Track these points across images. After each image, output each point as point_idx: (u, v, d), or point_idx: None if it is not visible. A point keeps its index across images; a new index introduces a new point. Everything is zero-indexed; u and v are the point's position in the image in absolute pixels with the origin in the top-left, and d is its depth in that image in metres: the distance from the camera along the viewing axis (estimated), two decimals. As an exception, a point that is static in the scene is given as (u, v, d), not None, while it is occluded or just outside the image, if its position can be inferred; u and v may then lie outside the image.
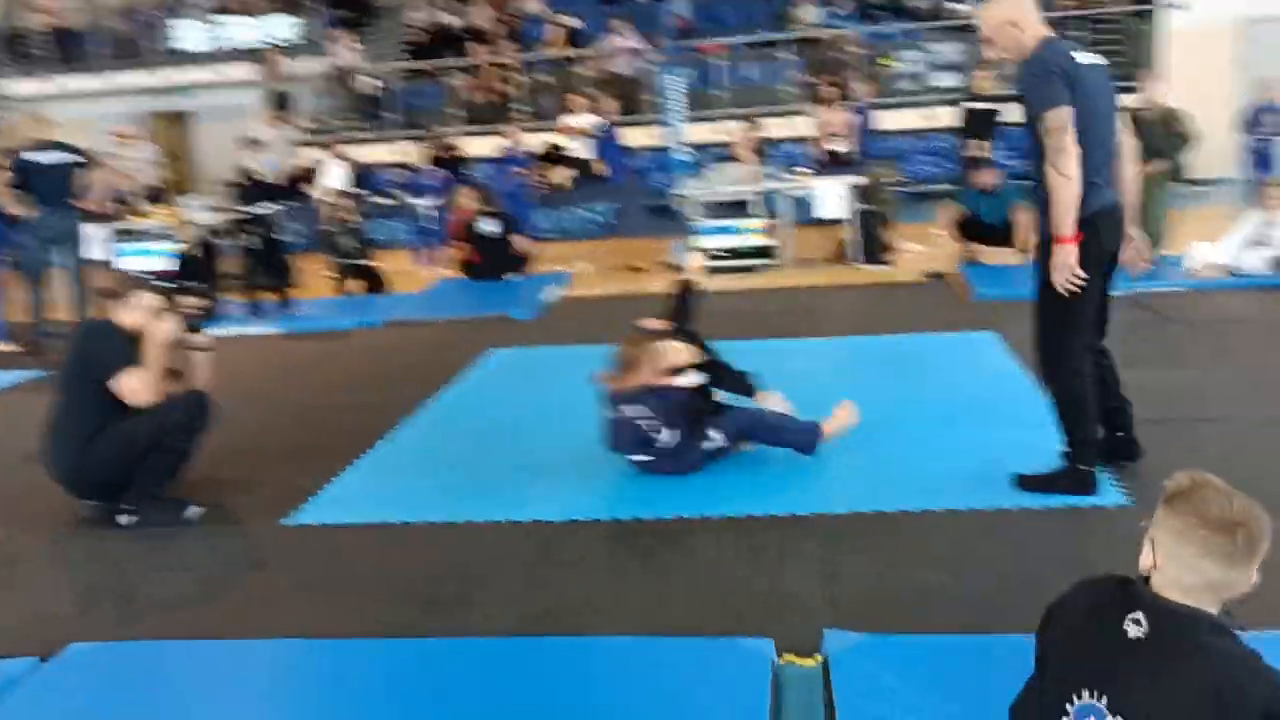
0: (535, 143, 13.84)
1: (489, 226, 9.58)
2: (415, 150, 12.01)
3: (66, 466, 4.22)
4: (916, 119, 14.92)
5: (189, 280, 8.28)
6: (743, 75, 15.68)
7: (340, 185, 11.91)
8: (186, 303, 4.35)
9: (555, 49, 16.10)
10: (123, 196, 11.13)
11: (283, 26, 17.77)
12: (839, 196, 9.68)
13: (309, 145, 14.85)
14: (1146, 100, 8.18)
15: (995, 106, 11.32)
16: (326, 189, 11.55)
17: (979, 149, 10.74)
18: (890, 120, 14.59)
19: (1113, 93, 3.81)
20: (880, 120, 13.40)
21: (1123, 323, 4.41)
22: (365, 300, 9.48)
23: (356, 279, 9.81)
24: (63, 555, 4.16)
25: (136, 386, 4.16)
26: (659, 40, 15.29)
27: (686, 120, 12.51)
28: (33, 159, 7.63)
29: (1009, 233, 8.73)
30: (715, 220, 10.17)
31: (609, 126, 13.81)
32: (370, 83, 16.27)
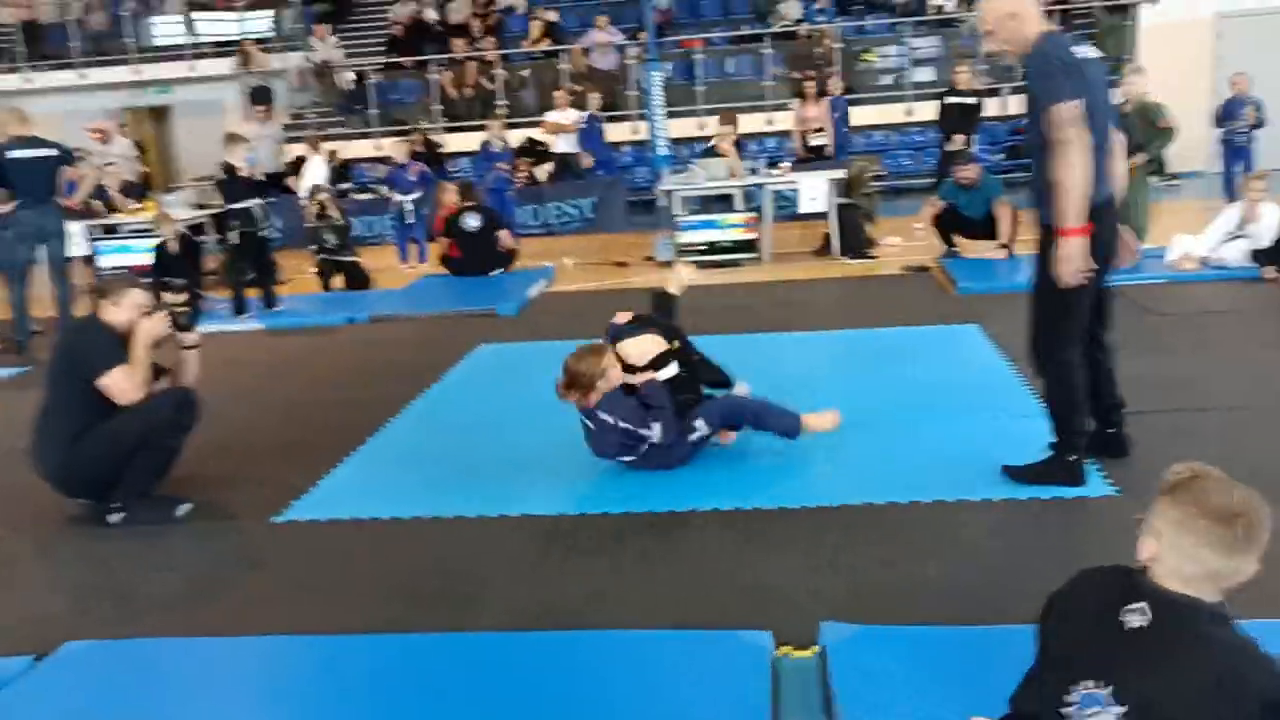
0: (516, 138, 13.82)
1: (472, 222, 9.56)
2: (394, 145, 11.95)
3: (54, 465, 4.20)
4: (896, 114, 15.00)
5: (166, 276, 8.26)
6: (723, 70, 15.71)
7: (322, 181, 11.86)
8: (174, 300, 4.33)
9: (535, 44, 16.05)
10: (102, 193, 11.02)
11: (260, 21, 17.64)
12: (821, 191, 9.71)
13: (290, 141, 14.79)
14: (1125, 94, 8.23)
15: (975, 101, 11.42)
16: (309, 184, 11.49)
17: (959, 143, 10.82)
18: (870, 115, 14.66)
19: (1108, 87, 3.83)
20: (859, 115, 13.46)
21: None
22: (349, 296, 9.44)
23: (340, 275, 9.77)
24: (53, 554, 4.14)
25: (124, 384, 4.15)
26: (639, 35, 15.28)
27: (665, 115, 12.52)
28: (11, 155, 7.54)
29: (989, 227, 8.79)
30: (698, 215, 10.20)
31: (591, 117, 13.79)
32: (346, 77, 16.19)
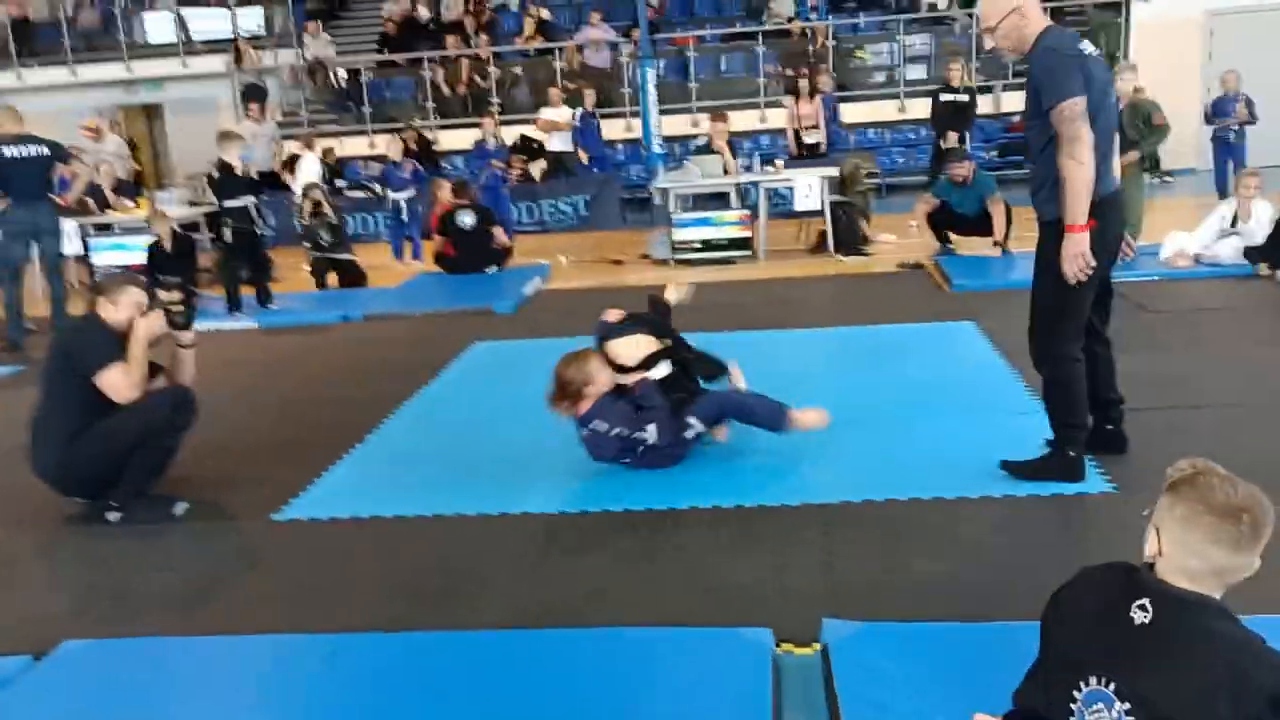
0: (510, 135, 13.81)
1: (468, 219, 9.55)
2: (388, 142, 11.92)
3: (52, 464, 4.19)
4: (889, 111, 15.02)
5: (160, 274, 8.24)
6: (716, 67, 15.72)
7: (316, 178, 11.83)
8: (170, 298, 4.31)
9: (528, 41, 16.03)
10: (96, 190, 10.99)
11: (253, 18, 17.59)
12: (815, 188, 9.71)
13: (284, 138, 14.76)
14: (1118, 91, 8.24)
15: (968, 98, 11.43)
16: (303, 183, 11.46)
17: (954, 141, 10.83)
18: (862, 112, 14.68)
19: (1110, 83, 3.84)
20: (852, 112, 13.47)
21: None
22: (344, 294, 9.42)
23: (334, 272, 9.76)
24: (52, 553, 4.13)
25: (122, 383, 4.14)
26: (632, 32, 15.28)
27: (659, 112, 12.51)
28: (4, 153, 7.51)
29: (982, 224, 8.80)
30: (692, 213, 10.20)
31: (588, 114, 13.79)
32: (339, 74, 16.16)
